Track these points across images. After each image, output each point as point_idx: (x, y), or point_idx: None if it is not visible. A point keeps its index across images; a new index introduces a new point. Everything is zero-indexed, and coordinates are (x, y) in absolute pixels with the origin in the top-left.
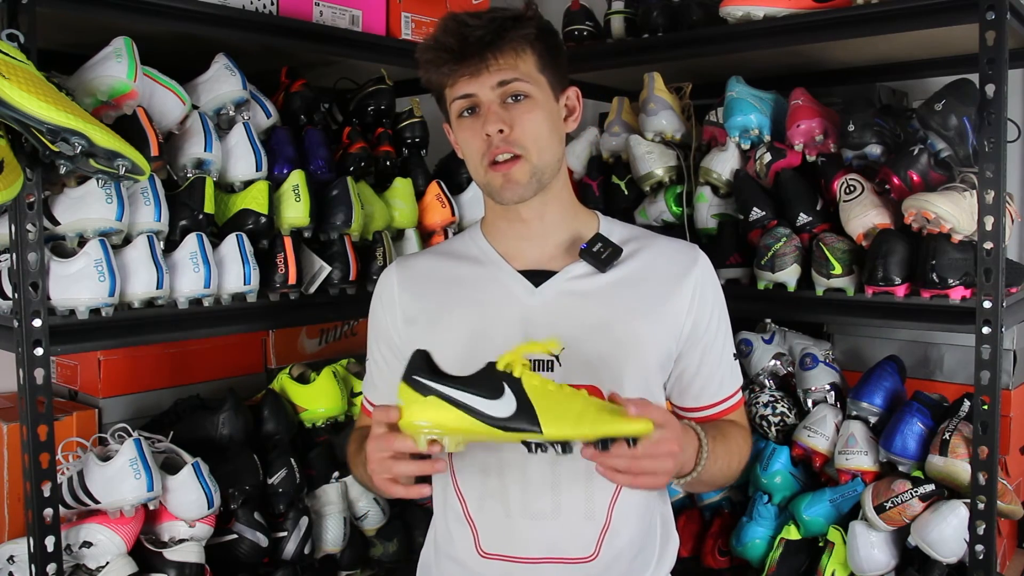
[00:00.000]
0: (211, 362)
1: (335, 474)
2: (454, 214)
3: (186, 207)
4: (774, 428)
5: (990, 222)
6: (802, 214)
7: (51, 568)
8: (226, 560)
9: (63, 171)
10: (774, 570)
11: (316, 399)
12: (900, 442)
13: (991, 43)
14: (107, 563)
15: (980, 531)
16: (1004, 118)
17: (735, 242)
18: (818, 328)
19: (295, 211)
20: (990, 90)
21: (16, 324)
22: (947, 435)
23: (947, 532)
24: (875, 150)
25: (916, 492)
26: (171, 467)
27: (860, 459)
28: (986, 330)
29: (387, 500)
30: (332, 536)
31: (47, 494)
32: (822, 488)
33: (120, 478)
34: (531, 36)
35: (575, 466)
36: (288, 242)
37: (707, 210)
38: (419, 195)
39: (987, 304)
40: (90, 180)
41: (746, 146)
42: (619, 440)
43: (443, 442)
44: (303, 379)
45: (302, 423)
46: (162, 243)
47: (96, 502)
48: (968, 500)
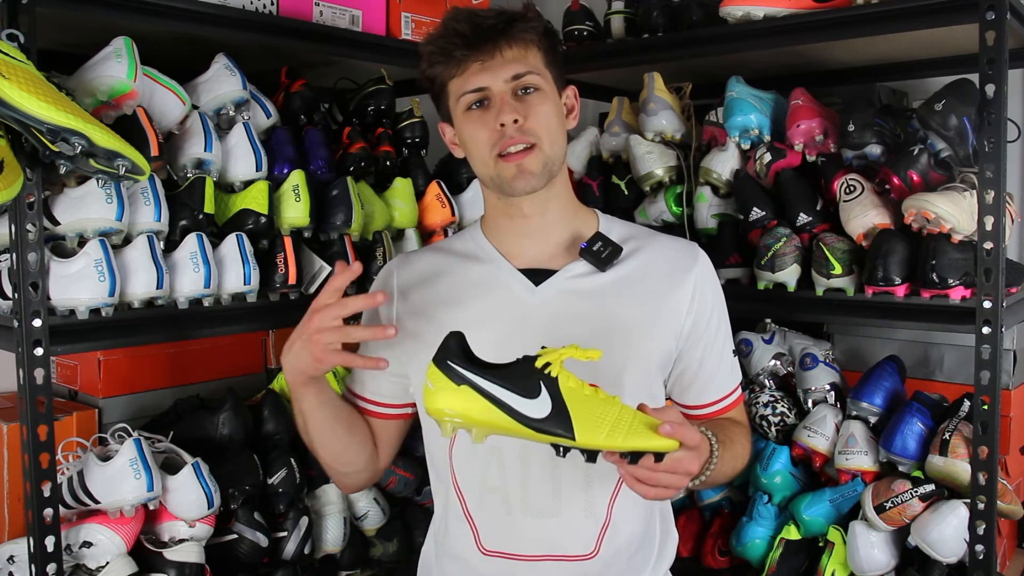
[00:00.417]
0: (211, 362)
1: None
2: (454, 214)
3: (186, 207)
4: (774, 428)
5: (990, 222)
6: (802, 214)
7: (51, 568)
8: (226, 560)
9: (63, 171)
10: (774, 570)
11: None
12: (900, 442)
13: (991, 43)
14: (107, 563)
15: (980, 531)
16: (1004, 118)
17: (735, 242)
18: (818, 328)
19: (295, 211)
20: (990, 90)
21: (16, 324)
22: (947, 435)
23: (947, 532)
24: (875, 150)
25: (916, 492)
26: (171, 467)
27: (860, 459)
28: (986, 330)
29: (387, 500)
30: (332, 536)
31: (47, 494)
32: (822, 488)
33: (120, 478)
34: (539, 30)
35: (575, 464)
36: (288, 242)
37: (707, 210)
38: (419, 195)
39: (987, 304)
40: (90, 180)
41: (746, 146)
42: (647, 454)
43: (469, 433)
44: None
45: None
46: (162, 243)
47: (96, 502)
48: (968, 500)
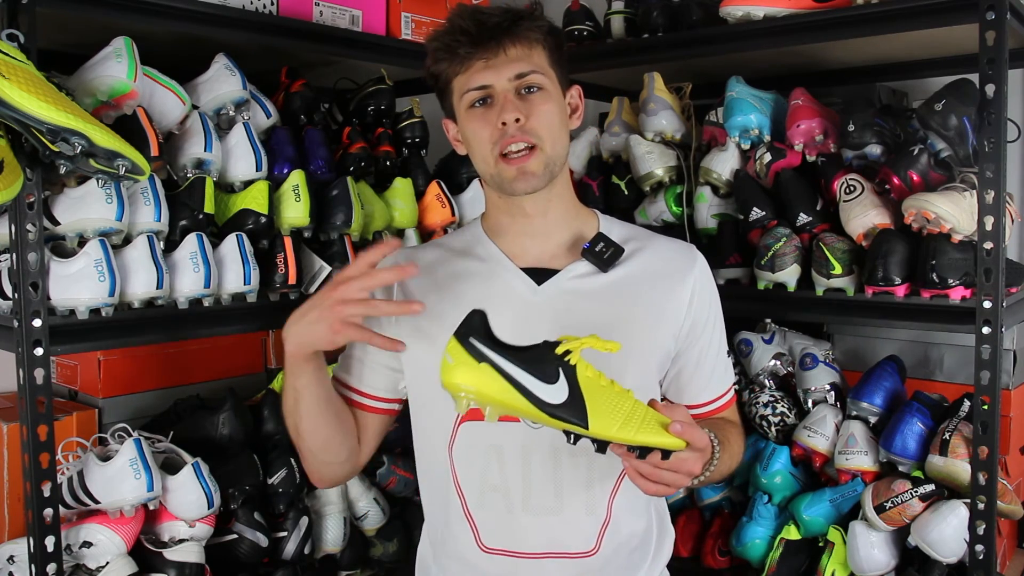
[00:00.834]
0: (211, 362)
1: None
2: (454, 214)
3: (186, 207)
4: (774, 428)
5: (990, 222)
6: (802, 214)
7: (51, 568)
8: (226, 560)
9: (63, 171)
10: (774, 570)
11: None
12: (900, 442)
13: (991, 43)
14: (107, 563)
15: (980, 531)
16: (1004, 118)
17: (735, 242)
18: (818, 328)
19: (295, 211)
20: (990, 90)
21: (16, 324)
22: (947, 435)
23: (947, 532)
24: (875, 150)
25: (916, 492)
26: (171, 467)
27: (860, 459)
28: (986, 330)
29: (387, 500)
30: (332, 536)
31: (47, 494)
32: (822, 488)
33: (120, 478)
34: (544, 29)
35: (576, 462)
36: (288, 242)
37: (707, 210)
38: (419, 195)
39: (987, 304)
40: (90, 180)
41: (746, 146)
42: (655, 450)
43: (484, 411)
44: None
45: None
46: (162, 243)
47: (96, 502)
48: (968, 500)
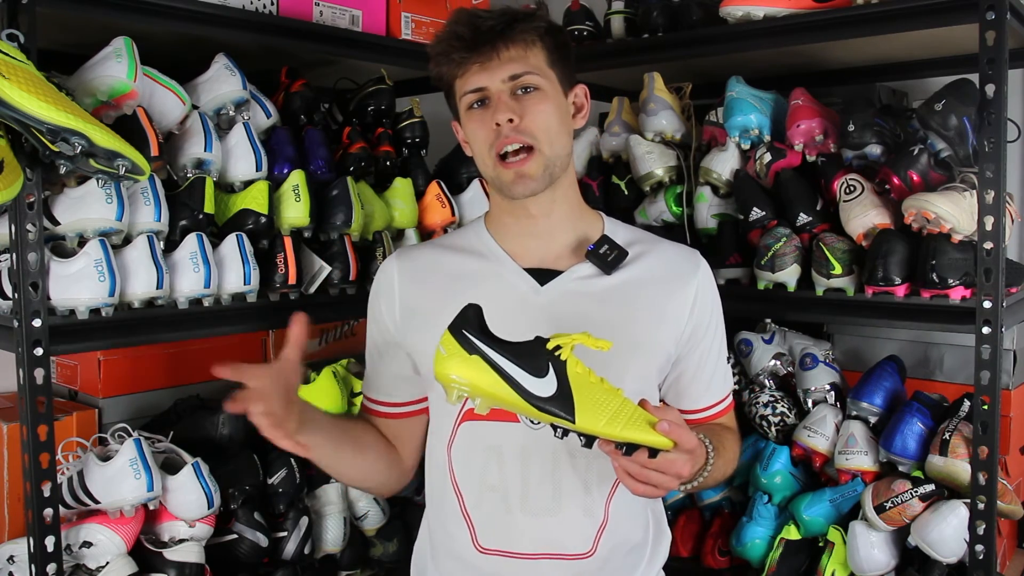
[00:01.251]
0: (211, 362)
1: None
2: (454, 214)
3: (186, 207)
4: (774, 428)
5: (990, 222)
6: (802, 214)
7: (51, 568)
8: (226, 560)
9: (63, 171)
10: (774, 570)
11: (316, 399)
12: (900, 442)
13: (991, 43)
14: (107, 563)
15: (980, 531)
16: (1004, 118)
17: (735, 242)
18: (818, 328)
19: (295, 211)
20: (990, 90)
21: (16, 324)
22: (947, 435)
23: (947, 532)
24: (875, 150)
25: (916, 492)
26: (171, 467)
27: (860, 459)
28: (986, 330)
29: (387, 500)
30: (332, 536)
31: (47, 494)
32: (822, 488)
33: (120, 478)
34: (541, 30)
35: (575, 464)
36: (288, 242)
37: (707, 210)
38: (419, 195)
39: (987, 304)
40: (90, 180)
41: (746, 146)
42: (641, 448)
43: (474, 403)
44: (303, 379)
45: None
46: (162, 243)
47: (96, 502)
48: (968, 500)
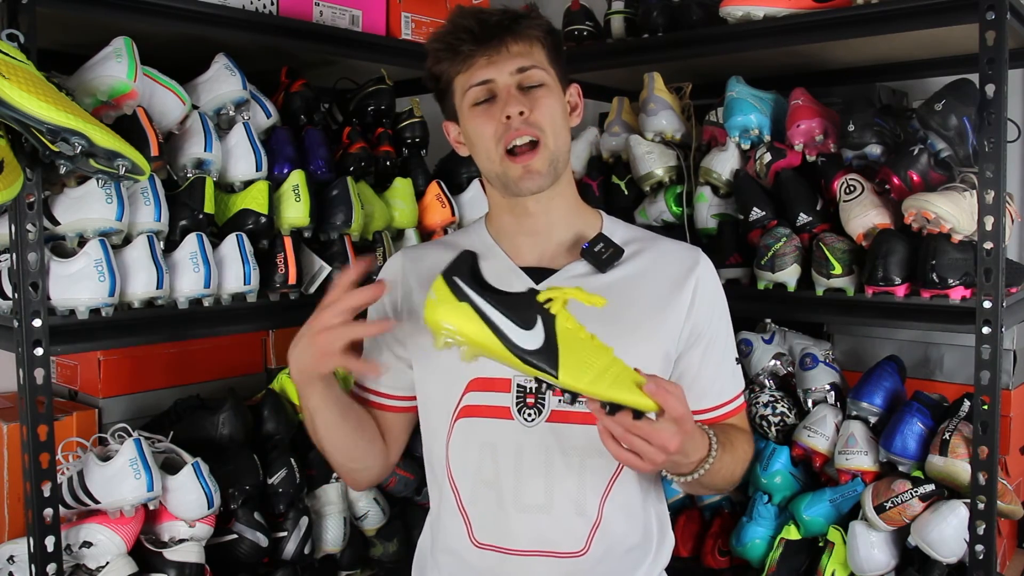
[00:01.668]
0: (211, 362)
1: (335, 474)
2: (454, 214)
3: (186, 207)
4: (774, 428)
5: (990, 222)
6: (802, 214)
7: (51, 568)
8: (226, 560)
9: (63, 171)
10: (774, 570)
11: None
12: (900, 442)
13: (991, 43)
14: (107, 563)
15: (980, 531)
16: (1004, 118)
17: (735, 242)
18: (818, 328)
19: (295, 211)
20: (990, 90)
21: (16, 324)
22: (947, 435)
23: (947, 532)
24: (875, 150)
25: (916, 492)
26: (171, 467)
27: (860, 459)
28: (986, 330)
29: (387, 500)
30: (332, 536)
31: (47, 494)
32: (822, 488)
33: (120, 478)
34: (543, 28)
35: (569, 462)
36: (288, 242)
37: (707, 210)
38: (419, 195)
39: (987, 304)
40: (90, 180)
41: (746, 146)
42: (625, 409)
43: (460, 350)
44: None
45: (302, 423)
46: (162, 243)
47: (96, 502)
48: (968, 500)
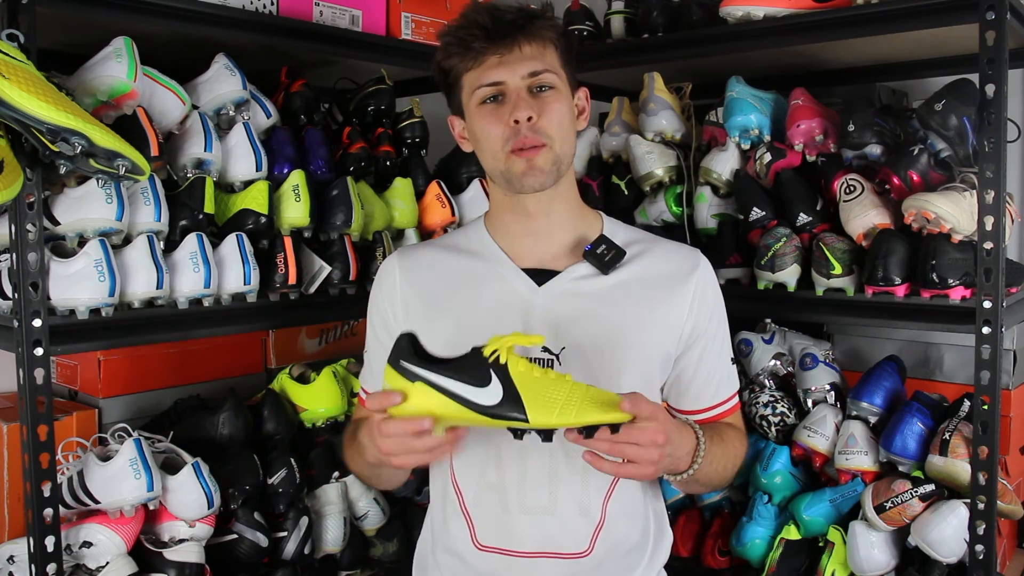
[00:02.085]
0: (211, 362)
1: (335, 474)
2: (454, 214)
3: (186, 207)
4: (774, 428)
5: (990, 222)
6: (802, 214)
7: (51, 568)
8: (226, 560)
9: (63, 171)
10: (774, 570)
11: (316, 399)
12: (900, 442)
13: (991, 43)
14: (107, 563)
15: (980, 531)
16: (1004, 118)
17: (735, 242)
18: (818, 328)
19: (295, 211)
20: (990, 90)
21: (16, 324)
22: (947, 435)
23: (947, 532)
24: (875, 150)
25: (916, 492)
26: (171, 467)
27: (860, 459)
28: (986, 330)
29: (387, 500)
30: (332, 536)
31: (47, 494)
32: (822, 488)
33: (120, 478)
34: (557, 30)
35: (572, 462)
36: (288, 242)
37: (707, 210)
38: (419, 195)
39: (987, 304)
40: (90, 180)
41: (746, 146)
42: (602, 427)
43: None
44: (303, 379)
45: (302, 423)
46: (162, 243)
47: (96, 502)
48: (968, 500)
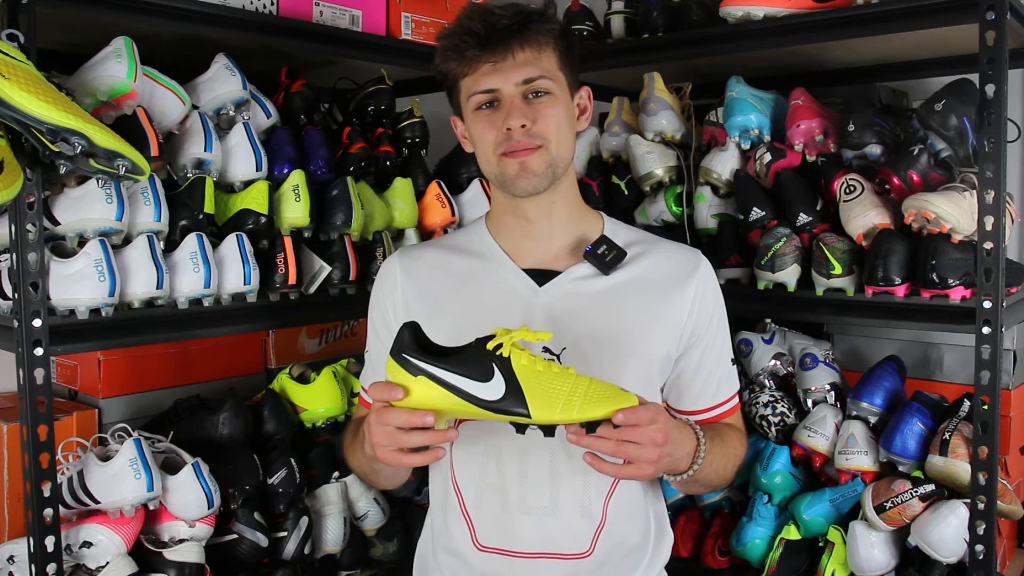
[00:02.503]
0: (211, 362)
1: (335, 474)
2: (454, 214)
3: (186, 207)
4: (774, 428)
5: (990, 222)
6: (802, 214)
7: (51, 568)
8: (226, 560)
9: (63, 171)
10: (774, 570)
11: (316, 399)
12: (900, 442)
13: (991, 43)
14: (107, 563)
15: (980, 531)
16: (1004, 118)
17: (735, 242)
18: (818, 328)
19: (295, 211)
20: (990, 90)
21: (16, 324)
22: (947, 435)
23: (947, 532)
24: (875, 150)
25: (916, 492)
26: (171, 467)
27: (860, 459)
28: (986, 330)
29: (387, 500)
30: (332, 536)
31: (47, 494)
32: (822, 488)
33: (120, 478)
34: (555, 32)
35: (572, 462)
36: (288, 242)
37: (707, 210)
38: (419, 195)
39: (987, 304)
40: (90, 180)
41: (746, 146)
42: (605, 423)
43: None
44: (303, 379)
45: (302, 423)
46: (162, 243)
47: (96, 502)
48: (968, 500)
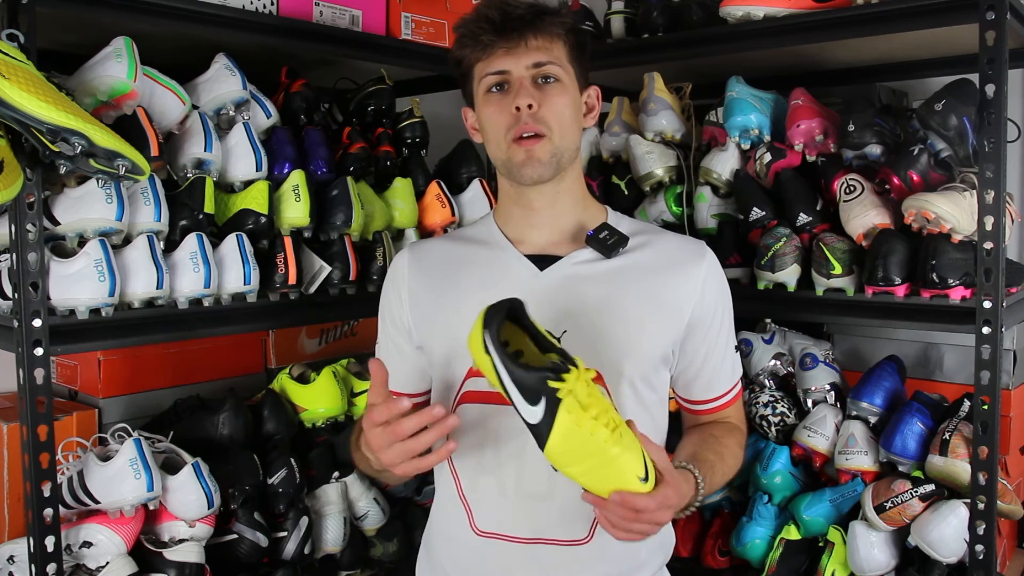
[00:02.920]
0: (211, 362)
1: (335, 474)
2: (454, 214)
3: (186, 207)
4: (774, 428)
5: (990, 222)
6: (802, 214)
7: (51, 568)
8: (226, 560)
9: (63, 171)
10: (774, 570)
11: (316, 399)
12: (900, 442)
13: (991, 43)
14: (107, 563)
15: (980, 531)
16: (1004, 118)
17: (735, 242)
18: (818, 328)
19: (295, 211)
20: (990, 90)
21: (16, 324)
22: (947, 435)
23: (947, 532)
24: (875, 150)
25: (916, 492)
26: (171, 467)
27: (860, 459)
28: (986, 330)
29: (387, 500)
30: (332, 536)
31: (47, 494)
32: (822, 488)
33: (120, 478)
34: (567, 26)
35: None
36: (288, 242)
37: (707, 210)
38: (419, 195)
39: (987, 304)
40: (90, 180)
41: (746, 146)
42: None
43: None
44: (303, 379)
45: (302, 423)
46: (162, 243)
47: (96, 502)
48: (968, 500)
